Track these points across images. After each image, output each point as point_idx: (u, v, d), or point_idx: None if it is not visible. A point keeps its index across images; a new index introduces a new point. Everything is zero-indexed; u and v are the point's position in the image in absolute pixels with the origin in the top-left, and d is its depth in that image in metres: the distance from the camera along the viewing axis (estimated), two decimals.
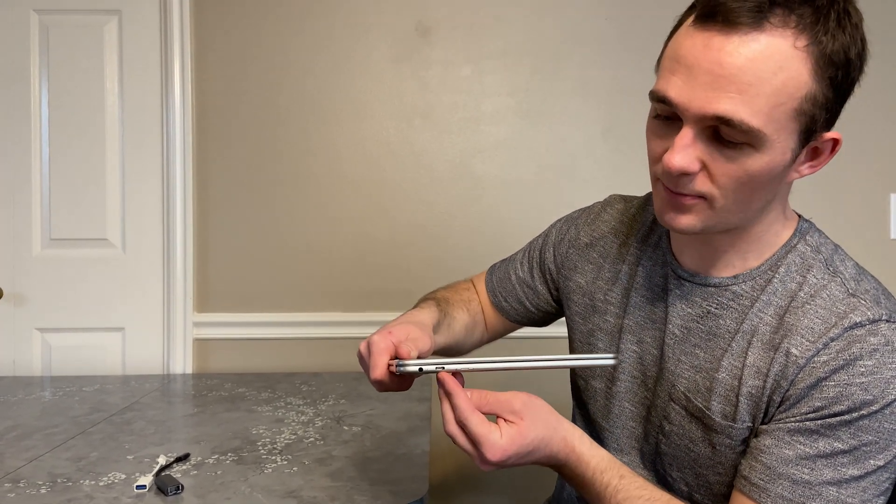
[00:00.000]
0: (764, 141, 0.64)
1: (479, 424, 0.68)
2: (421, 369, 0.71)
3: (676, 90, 0.66)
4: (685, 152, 0.66)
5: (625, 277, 0.89)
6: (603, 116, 1.86)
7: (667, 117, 0.69)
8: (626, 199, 0.98)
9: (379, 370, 0.74)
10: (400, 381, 0.76)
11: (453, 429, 0.70)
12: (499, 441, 0.68)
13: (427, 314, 0.92)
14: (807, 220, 0.80)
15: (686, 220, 0.71)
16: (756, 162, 0.66)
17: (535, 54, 1.85)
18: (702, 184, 0.68)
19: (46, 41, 1.83)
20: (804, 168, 0.72)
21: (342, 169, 1.86)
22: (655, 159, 0.72)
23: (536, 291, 1.02)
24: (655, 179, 0.74)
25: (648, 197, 0.95)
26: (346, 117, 1.86)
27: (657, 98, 0.68)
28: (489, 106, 1.86)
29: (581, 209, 1.03)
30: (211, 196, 1.87)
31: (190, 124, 1.84)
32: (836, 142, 0.70)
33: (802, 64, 0.63)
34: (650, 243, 0.88)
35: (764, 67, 0.63)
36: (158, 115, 1.84)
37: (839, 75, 0.65)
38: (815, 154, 0.71)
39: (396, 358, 0.74)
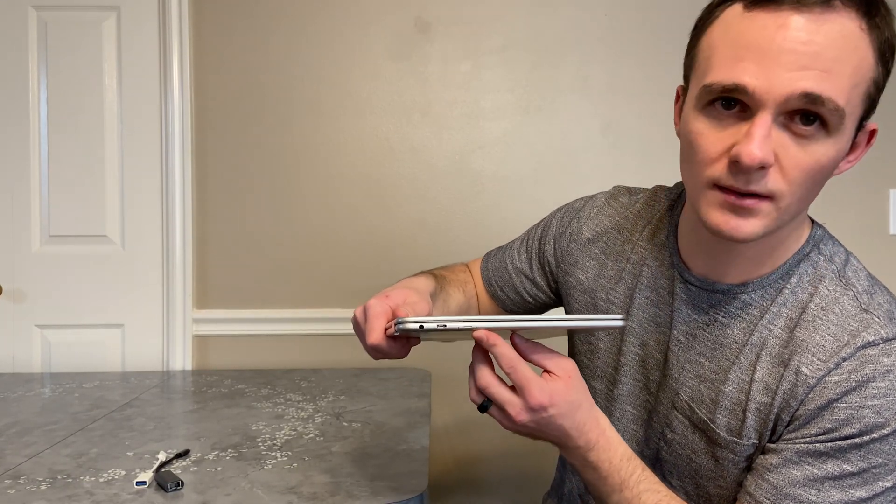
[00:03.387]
0: (840, 125, 0.62)
1: (529, 369, 0.66)
2: (422, 326, 0.65)
3: (752, 75, 0.61)
4: (765, 142, 0.61)
5: (629, 277, 0.85)
6: (602, 112, 1.85)
7: (725, 107, 0.64)
8: (631, 192, 0.93)
9: (375, 334, 0.70)
10: (398, 346, 0.72)
11: (489, 379, 0.67)
12: (546, 385, 0.66)
13: (424, 282, 0.88)
14: (820, 227, 0.77)
15: (750, 227, 0.65)
16: (828, 151, 0.63)
17: (534, 50, 1.85)
18: (774, 180, 0.63)
19: (45, 37, 1.83)
20: (844, 163, 0.68)
21: (341, 165, 1.86)
22: (712, 160, 0.65)
23: (535, 282, 0.98)
24: (707, 185, 0.66)
25: (655, 192, 0.90)
26: (345, 113, 1.86)
27: (724, 87, 0.63)
28: (488, 102, 1.86)
29: (584, 199, 0.97)
30: (210, 192, 1.86)
31: (189, 120, 1.84)
32: (873, 132, 0.68)
33: (869, 46, 0.62)
34: (656, 242, 0.84)
35: (843, 46, 0.60)
36: (157, 111, 1.84)
37: (890, 63, 0.64)
38: (853, 147, 0.68)
39: (394, 320, 0.69)
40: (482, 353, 0.69)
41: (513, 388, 0.67)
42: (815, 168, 0.63)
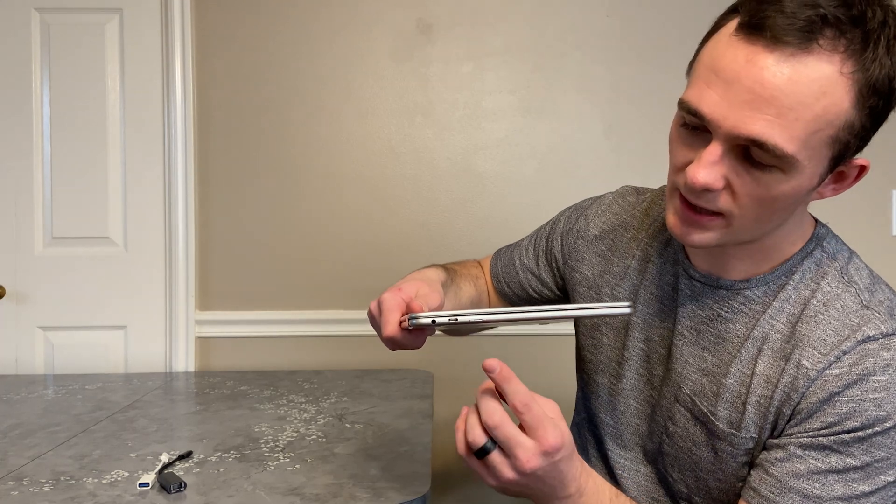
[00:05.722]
0: (795, 166, 0.62)
1: (542, 406, 0.64)
2: (434, 321, 0.68)
3: (710, 105, 0.63)
4: (711, 169, 0.64)
5: (634, 273, 0.87)
6: (604, 114, 1.85)
7: (694, 127, 0.66)
8: (638, 192, 0.95)
9: (391, 327, 0.72)
10: (413, 337, 0.74)
11: (501, 417, 0.63)
12: (559, 425, 0.64)
13: (435, 273, 0.90)
14: (824, 226, 0.78)
15: (700, 237, 0.69)
16: (783, 186, 0.64)
17: (536, 51, 1.85)
18: (724, 201, 0.66)
19: (48, 40, 1.84)
20: (827, 190, 0.70)
21: (344, 166, 1.86)
22: (677, 168, 0.69)
23: (541, 279, 1.00)
24: (673, 189, 0.71)
25: (662, 191, 0.92)
26: (348, 115, 1.86)
27: (688, 109, 0.65)
28: (490, 103, 1.86)
29: (592, 198, 1.00)
30: (212, 194, 1.87)
31: (191, 122, 1.84)
32: (863, 168, 0.68)
33: (846, 91, 0.60)
34: (661, 240, 0.86)
35: (807, 91, 0.59)
36: (160, 113, 1.85)
37: (880, 104, 0.63)
38: (839, 178, 0.69)
39: (408, 313, 0.72)
40: (490, 388, 0.66)
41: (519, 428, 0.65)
42: (767, 197, 0.65)
